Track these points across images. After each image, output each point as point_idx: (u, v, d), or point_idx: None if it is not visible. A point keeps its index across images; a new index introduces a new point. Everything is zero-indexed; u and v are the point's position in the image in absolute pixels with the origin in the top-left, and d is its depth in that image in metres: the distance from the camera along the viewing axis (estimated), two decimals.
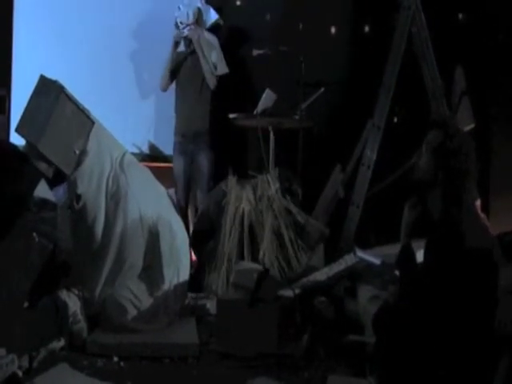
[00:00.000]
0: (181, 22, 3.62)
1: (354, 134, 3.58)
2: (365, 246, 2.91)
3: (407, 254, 2.06)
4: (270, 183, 3.09)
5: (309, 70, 3.72)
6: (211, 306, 2.55)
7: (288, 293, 2.50)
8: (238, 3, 4.19)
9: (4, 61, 3.69)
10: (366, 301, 2.45)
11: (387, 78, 3.53)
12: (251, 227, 2.91)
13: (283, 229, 2.97)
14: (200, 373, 2.03)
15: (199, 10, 3.70)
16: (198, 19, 3.69)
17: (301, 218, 3.07)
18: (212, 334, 2.29)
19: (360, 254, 2.69)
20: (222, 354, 2.15)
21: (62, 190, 2.31)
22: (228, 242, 2.83)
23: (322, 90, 3.66)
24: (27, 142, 2.14)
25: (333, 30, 4.17)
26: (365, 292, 2.55)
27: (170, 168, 3.63)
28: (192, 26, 3.61)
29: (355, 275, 2.77)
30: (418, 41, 3.52)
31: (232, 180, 3.05)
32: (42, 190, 1.95)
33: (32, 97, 2.19)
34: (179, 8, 3.64)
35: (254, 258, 2.80)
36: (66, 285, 2.15)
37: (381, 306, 2.05)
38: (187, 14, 3.63)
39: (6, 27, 3.72)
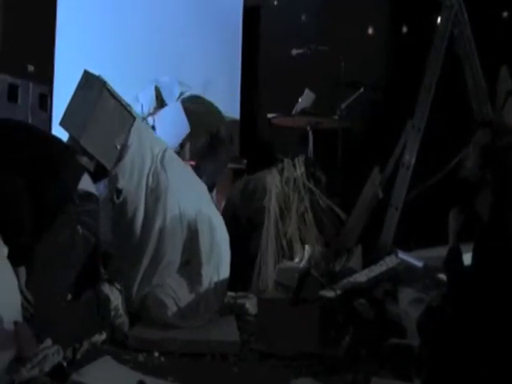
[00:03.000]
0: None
1: (393, 134, 3.53)
2: (403, 249, 2.86)
3: (455, 256, 2.01)
4: (296, 166, 3.09)
5: (348, 70, 3.68)
6: (250, 305, 2.53)
7: (329, 293, 2.47)
8: (276, 3, 4.18)
9: (46, 58, 3.73)
10: (408, 304, 2.40)
11: (428, 78, 3.47)
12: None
13: (308, 210, 2.99)
14: (241, 371, 2.00)
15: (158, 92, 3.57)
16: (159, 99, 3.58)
17: (322, 202, 3.05)
18: (252, 332, 2.27)
19: (402, 255, 2.64)
20: (263, 353, 2.13)
21: (102, 184, 2.33)
22: (269, 240, 2.83)
23: (362, 90, 3.62)
24: (70, 135, 2.16)
25: (372, 29, 4.12)
26: (406, 295, 2.49)
27: None
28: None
29: (395, 277, 2.72)
30: (460, 40, 3.46)
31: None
32: (86, 183, 1.96)
33: (76, 91, 2.20)
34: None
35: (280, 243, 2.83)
36: (108, 278, 2.16)
37: (425, 310, 2.00)
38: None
39: (49, 25, 3.77)
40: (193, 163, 3.15)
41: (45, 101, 3.61)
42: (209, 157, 3.44)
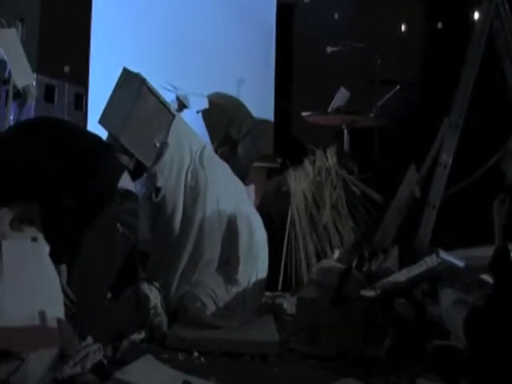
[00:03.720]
0: None
1: (430, 132, 3.46)
2: (441, 249, 2.80)
3: (503, 255, 1.95)
4: (329, 157, 3.05)
5: (383, 68, 3.62)
6: (288, 304, 2.49)
7: (370, 293, 2.42)
8: (307, 0, 4.14)
9: (82, 59, 3.77)
10: (450, 304, 2.34)
11: (466, 75, 3.39)
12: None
13: (342, 199, 2.95)
14: (281, 371, 1.97)
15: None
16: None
17: (357, 188, 3.00)
18: (291, 332, 2.23)
19: (443, 255, 2.58)
20: (303, 354, 2.10)
21: (140, 182, 2.33)
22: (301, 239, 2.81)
23: (398, 87, 3.56)
24: (110, 134, 2.16)
25: (407, 25, 4.05)
26: (447, 295, 2.42)
27: None
28: None
29: (435, 277, 2.66)
30: (500, 34, 3.37)
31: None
32: (126, 181, 1.95)
33: (115, 89, 2.21)
34: None
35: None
36: (147, 277, 2.15)
37: (471, 311, 1.94)
38: None
39: (84, 27, 3.81)
40: None
41: (80, 100, 3.66)
42: (228, 152, 3.42)
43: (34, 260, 1.60)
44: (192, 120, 3.53)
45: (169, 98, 3.55)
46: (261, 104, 3.93)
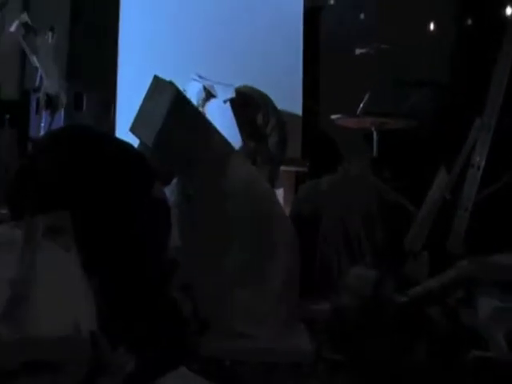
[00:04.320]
0: None
1: (461, 133, 3.39)
2: (475, 253, 2.74)
3: None
4: (361, 165, 3.02)
5: (413, 69, 3.57)
6: (321, 311, 2.46)
7: (402, 300, 2.37)
8: (332, 2, 4.11)
9: (110, 67, 3.80)
10: (489, 313, 2.28)
11: (498, 74, 3.32)
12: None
13: (375, 208, 2.91)
14: (315, 381, 1.95)
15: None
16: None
17: (390, 198, 2.97)
18: (324, 340, 2.21)
19: (475, 261, 2.52)
20: (336, 362, 2.07)
21: (169, 190, 2.33)
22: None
23: (427, 88, 3.51)
24: (141, 142, 2.16)
25: (436, 25, 3.99)
26: (486, 303, 2.37)
27: None
28: None
29: (470, 284, 2.60)
30: None
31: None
32: (158, 190, 1.95)
33: (146, 97, 2.21)
34: None
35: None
36: (178, 286, 2.14)
37: None
38: None
39: (112, 32, 3.83)
40: None
41: (108, 109, 3.69)
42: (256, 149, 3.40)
43: (66, 271, 1.61)
44: (219, 110, 3.53)
45: (196, 87, 3.56)
46: (288, 106, 3.91)
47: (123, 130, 2.62)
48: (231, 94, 3.61)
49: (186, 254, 2.22)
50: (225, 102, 3.57)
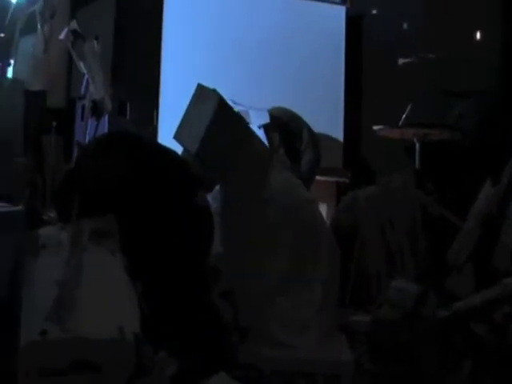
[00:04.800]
0: None
1: (506, 144, 3.31)
2: None
3: None
4: (405, 178, 2.97)
5: (458, 78, 3.51)
6: (360, 323, 2.43)
7: (445, 314, 2.32)
8: (375, 12, 4.08)
9: (153, 73, 3.86)
10: None
11: None
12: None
13: (418, 221, 2.85)
14: None
15: None
16: None
17: (434, 211, 2.90)
18: (365, 352, 2.17)
19: None
20: (377, 375, 2.03)
21: (212, 196, 2.34)
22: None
23: (472, 99, 3.44)
24: (185, 149, 2.18)
25: (481, 33, 3.91)
26: None
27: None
28: None
29: None
30: None
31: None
32: (202, 197, 1.96)
33: (190, 105, 2.23)
34: None
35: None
36: (219, 293, 2.14)
37: None
38: None
39: (155, 42, 3.90)
40: None
41: (151, 115, 3.75)
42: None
43: (112, 274, 1.63)
44: None
45: None
46: (330, 117, 3.90)
47: (165, 137, 2.66)
48: (264, 119, 3.63)
49: (227, 261, 2.23)
50: (259, 127, 3.60)
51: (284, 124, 3.58)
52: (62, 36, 3.28)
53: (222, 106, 2.17)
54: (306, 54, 3.86)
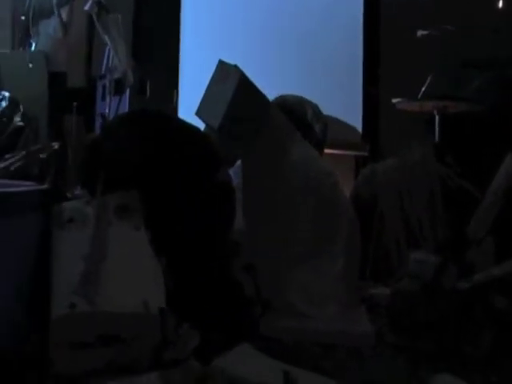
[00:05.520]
0: None
1: None
2: None
3: None
4: (423, 151, 2.96)
5: (479, 49, 3.45)
6: (381, 295, 2.45)
7: (465, 286, 2.33)
8: None
9: (172, 52, 3.87)
10: None
11: None
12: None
13: (437, 193, 2.84)
14: (376, 364, 1.95)
15: None
16: None
17: (454, 183, 2.89)
18: (385, 324, 2.20)
19: None
20: (398, 347, 2.06)
21: (233, 171, 2.36)
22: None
23: (492, 70, 3.39)
24: (207, 125, 2.20)
25: (504, 2, 3.82)
26: None
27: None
28: None
29: None
30: None
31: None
32: (224, 173, 1.99)
33: (211, 81, 2.24)
34: None
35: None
36: (241, 266, 2.18)
37: None
38: None
39: (174, 19, 3.90)
40: None
41: (171, 93, 3.78)
42: None
43: (136, 249, 1.67)
44: None
45: None
46: (348, 90, 3.88)
47: (185, 115, 2.68)
48: None
49: (248, 234, 2.26)
50: None
51: (288, 112, 3.57)
52: (86, 7, 3.30)
53: (244, 81, 2.18)
54: (324, 28, 3.83)
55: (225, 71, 2.20)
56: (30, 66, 4.04)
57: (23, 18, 4.24)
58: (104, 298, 1.54)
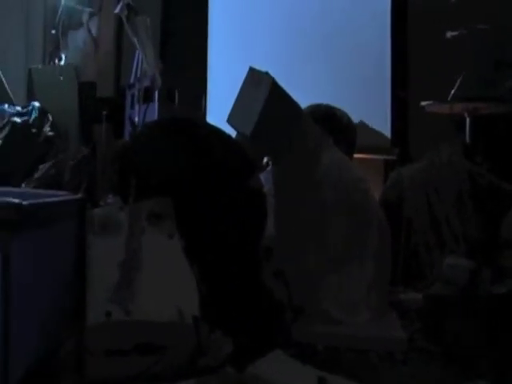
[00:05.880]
0: None
1: None
2: None
3: None
4: (453, 151, 2.91)
5: (508, 49, 3.40)
6: (411, 300, 2.43)
7: (500, 291, 2.29)
8: None
9: (200, 61, 3.90)
10: None
11: None
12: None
13: (466, 192, 2.80)
14: (409, 370, 1.93)
15: None
16: None
17: (484, 181, 2.84)
18: (416, 330, 2.18)
19: None
20: (431, 352, 2.04)
21: (264, 177, 2.37)
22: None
23: None
24: (238, 132, 2.20)
25: None
26: None
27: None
28: None
29: None
30: None
31: None
32: (256, 179, 2.00)
33: (242, 88, 2.24)
34: None
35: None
36: (272, 272, 2.19)
37: None
38: None
39: (201, 30, 3.93)
40: None
41: (199, 101, 3.81)
42: None
43: (170, 257, 1.69)
44: None
45: None
46: (376, 93, 3.85)
47: (214, 121, 2.69)
48: None
49: (280, 240, 2.26)
50: None
51: (322, 117, 3.57)
52: (117, 10, 3.35)
53: (275, 88, 2.17)
54: (351, 30, 3.82)
55: (256, 78, 2.20)
56: (61, 78, 4.15)
57: (54, 32, 4.33)
58: (138, 307, 1.56)
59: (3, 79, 4.01)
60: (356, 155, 3.36)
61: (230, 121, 2.22)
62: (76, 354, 1.56)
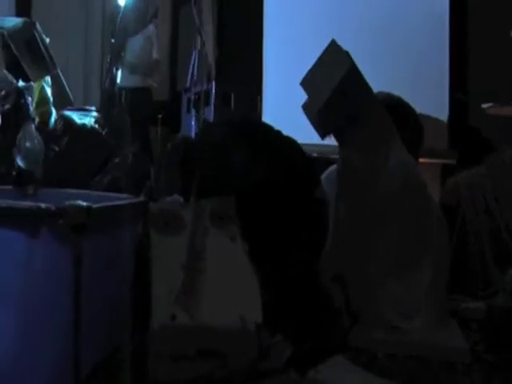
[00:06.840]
0: None
1: None
2: None
3: None
4: None
5: None
6: (474, 311, 2.36)
7: None
8: None
9: (256, 64, 3.91)
10: None
11: None
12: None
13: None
14: (472, 381, 1.88)
15: None
16: None
17: None
18: (478, 341, 2.12)
19: None
20: (494, 365, 1.97)
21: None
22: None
23: None
24: (309, 97, 2.17)
25: None
26: None
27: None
28: None
29: None
30: None
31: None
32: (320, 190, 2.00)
33: (320, 59, 2.19)
34: None
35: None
36: (332, 277, 2.17)
37: None
38: None
39: (257, 31, 3.94)
40: None
41: (255, 103, 3.83)
42: None
43: (234, 261, 1.68)
44: None
45: None
46: (435, 95, 3.76)
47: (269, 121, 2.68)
48: None
49: (338, 245, 2.24)
50: None
51: (395, 107, 3.50)
52: None
53: (353, 71, 2.12)
54: (410, 29, 3.75)
55: (335, 53, 2.14)
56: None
57: (113, 40, 4.42)
58: (202, 311, 1.56)
59: (66, 86, 4.14)
60: None
61: (303, 84, 2.17)
62: (139, 355, 1.59)
